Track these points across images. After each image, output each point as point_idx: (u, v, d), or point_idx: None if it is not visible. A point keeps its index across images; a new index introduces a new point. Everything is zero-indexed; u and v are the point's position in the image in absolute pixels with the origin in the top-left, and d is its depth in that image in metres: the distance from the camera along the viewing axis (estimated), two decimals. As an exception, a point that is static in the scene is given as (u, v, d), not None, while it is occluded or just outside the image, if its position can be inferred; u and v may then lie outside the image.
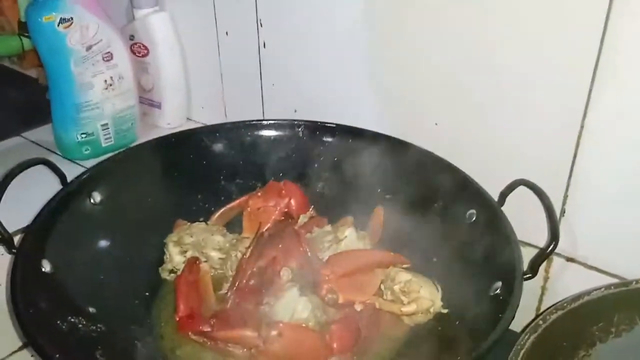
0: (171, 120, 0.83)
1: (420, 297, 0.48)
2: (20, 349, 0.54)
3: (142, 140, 0.76)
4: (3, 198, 0.48)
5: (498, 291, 0.46)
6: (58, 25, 0.67)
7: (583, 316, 0.45)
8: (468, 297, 0.49)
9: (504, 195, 0.53)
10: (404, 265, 0.53)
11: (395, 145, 0.60)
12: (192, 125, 0.83)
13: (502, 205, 0.53)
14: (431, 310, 0.49)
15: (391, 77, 0.63)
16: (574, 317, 0.44)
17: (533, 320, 0.43)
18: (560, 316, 0.44)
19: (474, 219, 0.53)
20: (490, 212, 0.52)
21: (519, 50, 0.52)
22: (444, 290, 0.51)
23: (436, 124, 0.60)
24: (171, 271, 0.56)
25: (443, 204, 0.56)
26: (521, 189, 0.52)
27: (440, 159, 0.58)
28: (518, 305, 0.43)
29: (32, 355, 0.53)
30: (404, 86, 0.62)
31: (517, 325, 0.45)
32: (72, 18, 0.68)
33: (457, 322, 0.49)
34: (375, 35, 0.61)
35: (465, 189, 0.55)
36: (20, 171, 0.50)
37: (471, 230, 0.53)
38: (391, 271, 0.51)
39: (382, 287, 0.50)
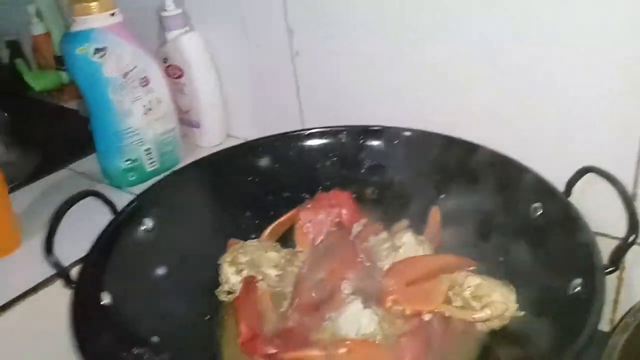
0: (211, 138, 0.83)
1: (493, 302, 0.45)
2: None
3: (185, 161, 0.76)
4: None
5: (579, 289, 0.42)
6: (93, 56, 0.67)
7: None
8: (545, 298, 0.46)
9: (570, 184, 0.50)
10: (471, 268, 0.50)
11: (445, 142, 0.58)
12: (233, 142, 0.82)
13: (568, 196, 0.50)
14: (506, 314, 0.46)
15: (436, 73, 0.60)
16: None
17: (622, 319, 0.40)
18: (651, 311, 0.40)
19: (539, 212, 0.50)
20: (557, 204, 0.49)
21: (581, 27, 0.49)
22: (517, 291, 0.48)
23: (490, 117, 0.57)
24: (228, 292, 0.55)
25: (503, 199, 0.53)
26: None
27: (496, 152, 0.55)
28: (604, 302, 0.40)
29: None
30: (449, 80, 0.59)
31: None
32: (105, 47, 0.68)
33: (536, 325, 0.46)
34: (413, 29, 0.59)
35: (526, 181, 0.52)
36: (70, 206, 0.50)
37: (538, 225, 0.50)
38: (458, 276, 0.48)
39: (451, 293, 0.47)
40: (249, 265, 0.55)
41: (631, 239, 0.42)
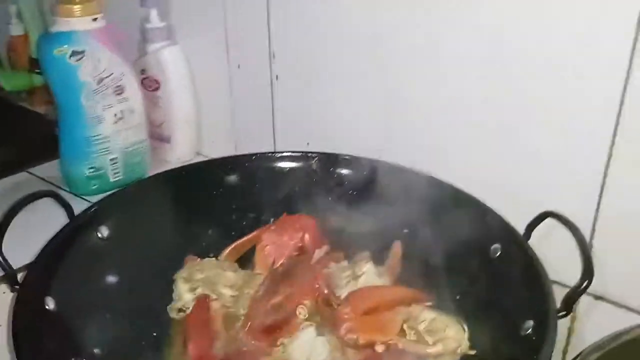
0: (181, 155, 0.82)
1: (446, 337, 0.45)
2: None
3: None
4: (7, 233, 0.46)
5: (530, 331, 0.43)
6: (70, 58, 0.66)
7: (623, 356, 0.42)
8: (497, 338, 0.46)
9: (530, 228, 0.51)
10: (427, 303, 0.50)
11: (412, 177, 0.59)
12: (201, 160, 0.81)
13: (528, 239, 0.51)
14: (458, 351, 0.46)
15: (406, 109, 0.61)
16: (613, 357, 0.42)
17: (573, 360, 0.40)
18: (600, 357, 0.41)
19: (498, 253, 0.51)
20: (517, 247, 0.50)
21: (542, 75, 0.51)
22: (471, 329, 0.48)
23: (455, 155, 0.59)
24: (180, 310, 0.53)
25: (465, 238, 0.54)
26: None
27: (460, 191, 0.56)
28: (554, 346, 0.40)
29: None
30: (420, 117, 0.61)
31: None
32: (84, 51, 0.67)
33: (486, 365, 0.46)
34: (388, 65, 0.61)
35: (488, 222, 0.53)
36: (26, 204, 0.48)
37: (496, 266, 0.50)
38: (414, 309, 0.48)
39: (405, 326, 0.47)
40: (205, 283, 0.53)
41: (584, 284, 0.43)
